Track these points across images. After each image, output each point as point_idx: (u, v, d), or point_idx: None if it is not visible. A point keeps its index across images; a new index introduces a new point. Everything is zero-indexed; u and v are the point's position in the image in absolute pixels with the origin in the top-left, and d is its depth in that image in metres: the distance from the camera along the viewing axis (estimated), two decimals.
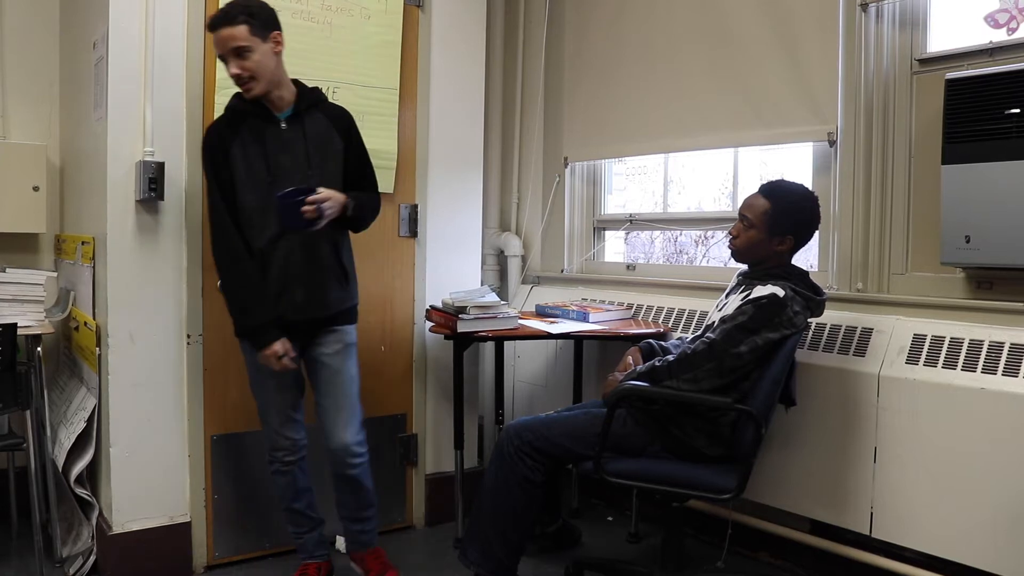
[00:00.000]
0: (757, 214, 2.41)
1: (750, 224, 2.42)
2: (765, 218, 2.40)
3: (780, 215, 2.40)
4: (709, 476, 2.32)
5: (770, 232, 2.40)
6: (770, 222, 2.40)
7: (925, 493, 2.39)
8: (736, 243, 2.46)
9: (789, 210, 2.41)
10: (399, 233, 3.17)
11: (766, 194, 2.43)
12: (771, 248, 2.42)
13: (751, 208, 2.43)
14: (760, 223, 2.41)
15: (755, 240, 2.42)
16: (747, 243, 2.44)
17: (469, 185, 3.37)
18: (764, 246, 2.42)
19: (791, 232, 2.41)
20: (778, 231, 2.41)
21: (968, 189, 2.32)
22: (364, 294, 2.97)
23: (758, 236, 2.41)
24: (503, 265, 3.88)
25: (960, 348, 2.38)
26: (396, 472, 3.23)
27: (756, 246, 2.43)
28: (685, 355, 2.35)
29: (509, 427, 2.48)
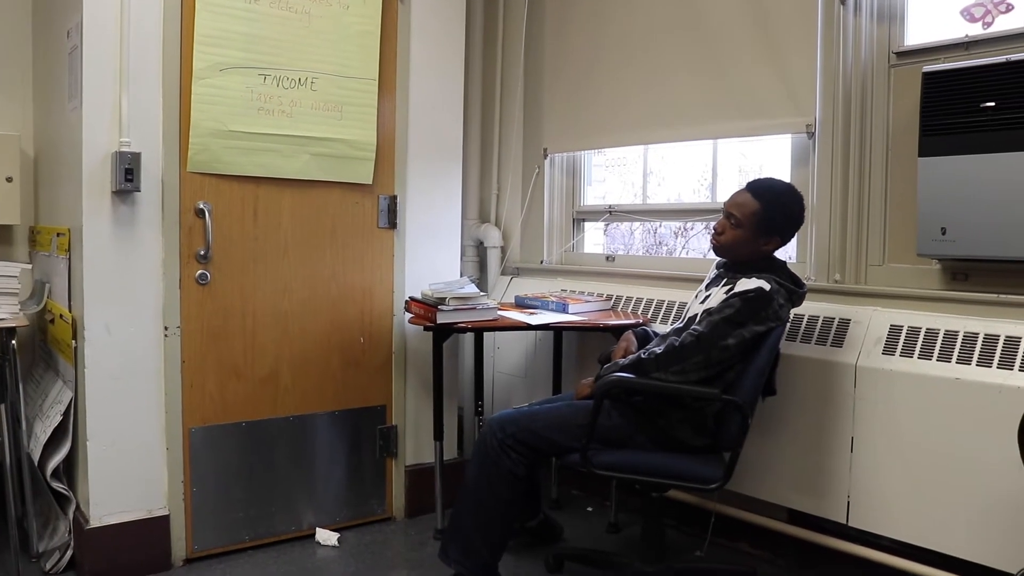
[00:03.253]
0: (746, 214, 2.40)
1: (737, 223, 2.41)
2: (754, 219, 2.39)
3: (770, 217, 2.39)
4: (695, 467, 2.32)
5: (757, 233, 2.41)
6: (759, 223, 2.39)
7: (901, 482, 2.41)
8: (721, 239, 2.46)
9: (779, 212, 2.41)
10: (378, 224, 3.16)
11: (756, 194, 2.41)
12: (757, 248, 2.43)
13: (740, 207, 2.41)
14: (748, 223, 2.40)
15: (742, 239, 2.42)
16: (733, 241, 2.44)
17: (448, 176, 3.35)
18: (750, 245, 2.42)
19: (778, 233, 2.42)
20: (766, 232, 2.41)
21: (944, 182, 2.33)
22: (343, 285, 3.05)
23: (745, 236, 2.41)
24: (482, 256, 3.88)
25: (936, 339, 2.40)
26: (376, 464, 3.22)
27: (742, 245, 2.43)
28: (672, 348, 2.34)
29: (491, 421, 2.46)
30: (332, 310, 3.06)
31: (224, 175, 2.81)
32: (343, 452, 3.13)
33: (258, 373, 2.92)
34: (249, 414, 2.91)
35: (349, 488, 3.15)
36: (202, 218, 2.76)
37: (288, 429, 2.99)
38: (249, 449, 2.92)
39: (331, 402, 3.08)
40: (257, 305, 2.91)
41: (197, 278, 2.78)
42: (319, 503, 3.08)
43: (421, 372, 3.28)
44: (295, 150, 2.92)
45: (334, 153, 3.00)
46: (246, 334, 2.89)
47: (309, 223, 3.00)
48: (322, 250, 3.03)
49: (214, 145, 2.76)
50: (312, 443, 3.05)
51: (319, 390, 3.05)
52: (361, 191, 3.09)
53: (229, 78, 2.76)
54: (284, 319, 2.96)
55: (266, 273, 2.92)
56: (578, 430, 2.33)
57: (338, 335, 3.08)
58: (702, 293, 2.54)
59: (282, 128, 2.88)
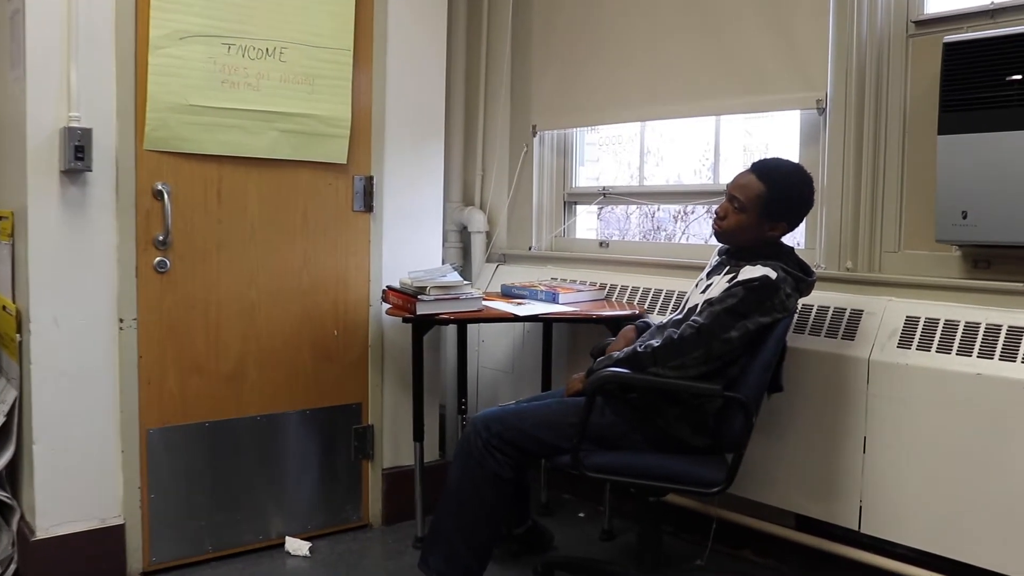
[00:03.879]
0: (750, 197, 2.39)
1: (741, 207, 2.40)
2: (759, 203, 2.38)
3: (776, 201, 2.38)
4: (695, 468, 2.32)
5: (763, 217, 2.39)
6: (764, 207, 2.38)
7: (918, 485, 2.41)
8: (723, 224, 2.44)
9: (786, 195, 2.39)
10: (353, 207, 3.14)
11: (761, 175, 2.40)
12: (762, 233, 2.42)
13: (744, 190, 2.40)
14: (753, 207, 2.39)
15: (745, 224, 2.41)
16: (736, 226, 2.42)
17: (429, 155, 3.34)
18: (754, 231, 2.41)
19: (785, 218, 2.41)
20: (772, 217, 2.39)
21: (966, 161, 2.32)
22: (315, 273, 3.08)
23: (749, 221, 2.40)
24: (466, 242, 3.87)
25: (955, 331, 2.39)
26: (351, 467, 3.22)
27: (746, 230, 2.42)
28: (671, 341, 2.33)
29: (476, 419, 2.45)
30: (303, 300, 3.05)
31: (184, 153, 2.78)
32: (315, 454, 3.12)
33: (222, 369, 2.90)
34: (212, 414, 2.89)
35: (321, 493, 3.14)
36: (160, 200, 2.74)
37: (255, 430, 2.98)
38: (212, 452, 2.90)
39: (302, 400, 3.07)
40: (221, 295, 2.88)
41: (155, 266, 2.76)
42: (289, 510, 3.07)
43: (399, 367, 3.26)
44: (262, 126, 2.90)
45: (305, 130, 2.98)
46: (209, 327, 2.87)
47: (278, 206, 2.98)
48: (292, 235, 3.01)
49: (173, 121, 2.73)
50: (281, 445, 3.04)
51: (289, 387, 3.04)
52: (334, 171, 3.08)
53: (189, 47, 2.73)
54: (251, 310, 2.94)
55: (231, 260, 2.90)
56: (569, 429, 2.32)
57: (309, 327, 3.06)
58: (703, 282, 2.53)
59: (248, 102, 2.85)
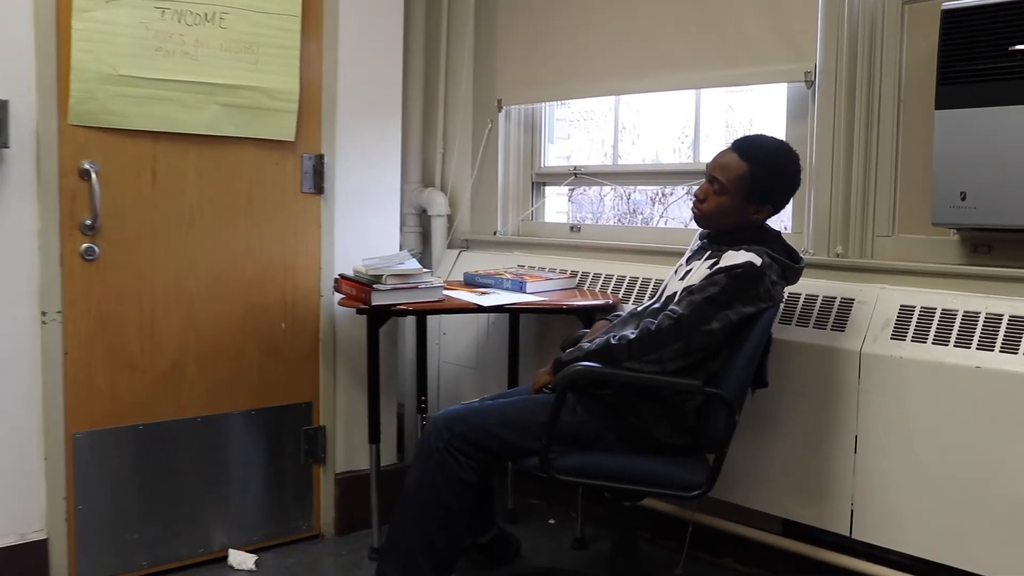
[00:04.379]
0: (731, 178, 2.38)
1: (722, 188, 2.39)
2: (741, 184, 2.38)
3: (760, 181, 2.38)
4: (674, 470, 2.32)
5: (746, 200, 2.39)
6: (747, 188, 2.38)
7: (913, 487, 2.42)
8: (703, 208, 2.45)
9: (770, 175, 2.39)
10: (302, 189, 3.13)
11: (743, 154, 2.40)
12: (745, 216, 2.42)
13: (725, 170, 2.40)
14: (735, 189, 2.38)
15: (727, 207, 2.41)
16: (717, 210, 2.42)
17: (385, 132, 3.33)
18: (737, 214, 2.41)
19: (770, 200, 2.41)
20: (756, 199, 2.39)
21: (965, 138, 2.33)
22: (260, 261, 3.06)
23: (731, 203, 2.40)
24: (426, 227, 3.88)
25: (953, 321, 2.40)
26: (300, 472, 3.21)
27: (727, 214, 2.42)
28: (647, 332, 2.32)
29: (437, 418, 2.45)
30: (247, 291, 3.04)
31: (114, 129, 2.75)
32: (261, 459, 3.11)
33: (158, 366, 2.88)
34: (147, 415, 2.87)
35: (268, 501, 3.14)
36: (87, 180, 2.70)
37: (195, 432, 2.96)
38: (147, 457, 2.88)
39: (246, 399, 3.06)
40: (157, 285, 2.86)
41: (82, 253, 2.72)
42: (232, 520, 3.05)
43: (354, 363, 3.26)
44: (201, 100, 2.87)
45: (248, 104, 2.96)
46: (143, 320, 2.84)
47: (219, 187, 2.96)
48: (235, 219, 3.00)
49: (101, 93, 2.70)
50: (224, 448, 3.03)
51: (232, 385, 3.03)
52: (281, 149, 3.06)
53: (118, 11, 2.70)
54: (189, 302, 2.93)
55: (167, 247, 2.88)
56: (537, 428, 2.32)
57: (255, 320, 3.06)
58: (682, 268, 2.54)
59: (185, 73, 2.83)
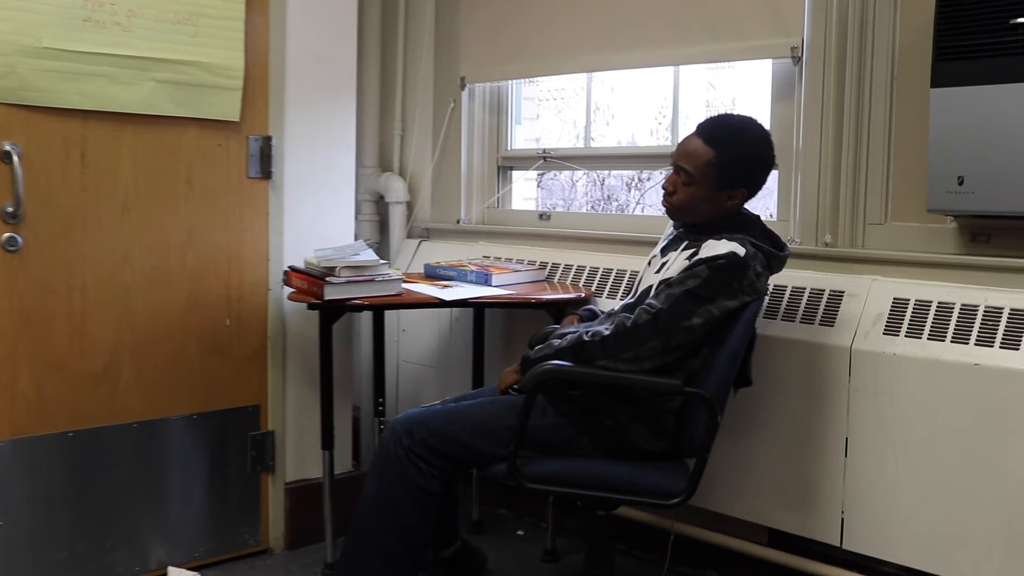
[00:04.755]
0: (699, 165, 2.39)
1: (690, 178, 2.40)
2: (710, 171, 2.38)
3: (729, 166, 2.38)
4: (652, 477, 2.32)
5: (717, 187, 2.39)
6: (717, 175, 2.38)
7: (908, 494, 2.42)
8: (673, 201, 2.46)
9: (740, 158, 2.40)
10: (248, 173, 3.10)
11: (708, 139, 2.40)
12: (719, 205, 2.42)
13: (690, 158, 2.40)
14: (704, 177, 2.39)
15: (698, 198, 2.41)
16: (688, 201, 2.43)
17: (338, 112, 3.31)
18: (710, 203, 2.42)
19: (743, 184, 2.41)
20: (727, 185, 2.39)
21: (963, 118, 2.33)
22: (203, 252, 3.03)
23: (701, 193, 2.40)
24: (383, 214, 3.88)
25: (950, 315, 2.40)
26: (247, 481, 3.19)
27: (700, 204, 2.42)
28: (623, 328, 2.30)
29: (395, 422, 2.44)
30: (189, 284, 3.01)
31: (39, 107, 2.72)
32: (204, 467, 3.09)
33: (89, 367, 2.85)
34: (77, 421, 2.83)
35: (212, 513, 3.11)
36: (8, 163, 2.66)
37: (130, 439, 2.93)
38: (77, 466, 2.84)
39: (187, 403, 3.04)
40: (87, 278, 2.82)
41: (3, 243, 2.67)
42: (172, 534, 3.03)
43: (305, 362, 3.24)
44: (136, 75, 2.83)
45: (188, 80, 2.93)
46: (73, 316, 2.81)
47: (157, 171, 2.93)
48: (174, 206, 2.97)
49: (23, 67, 2.65)
50: (162, 456, 3.00)
51: (171, 388, 3.00)
52: (225, 130, 3.04)
53: None
54: (124, 296, 2.90)
55: (99, 237, 2.84)
56: (505, 433, 2.31)
57: (197, 316, 3.03)
58: (657, 259, 2.54)
59: (117, 46, 2.78)
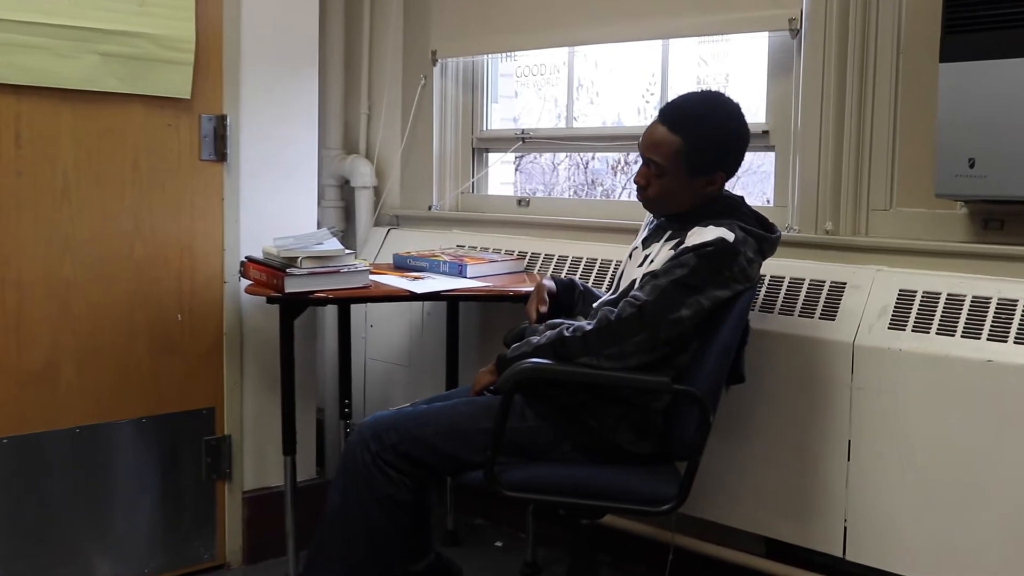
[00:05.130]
0: (667, 155, 2.39)
1: (660, 170, 2.41)
2: (679, 160, 2.39)
3: (698, 152, 2.38)
4: (640, 482, 2.31)
5: (691, 175, 2.40)
6: (687, 163, 2.38)
7: (915, 500, 2.42)
8: (648, 194, 2.47)
9: (709, 141, 2.40)
10: (200, 155, 3.08)
11: (672, 125, 2.40)
12: (698, 192, 2.42)
13: (657, 149, 2.41)
14: (674, 167, 2.39)
15: (673, 189, 2.42)
16: (663, 194, 2.44)
17: (300, 89, 3.29)
18: (687, 192, 2.42)
19: (719, 167, 2.41)
20: (702, 171, 2.40)
21: (975, 95, 2.31)
22: (151, 241, 3.01)
23: (675, 184, 2.41)
24: (348, 200, 3.89)
25: (960, 308, 2.39)
26: (201, 490, 3.16)
27: (676, 195, 2.43)
28: (606, 322, 2.29)
29: (363, 426, 2.41)
30: (136, 277, 2.98)
31: None
32: (154, 475, 3.06)
33: (26, 367, 2.82)
34: (13, 426, 2.81)
35: (163, 526, 3.09)
36: None
37: (72, 445, 2.90)
38: (13, 475, 2.81)
39: (135, 406, 3.01)
40: (23, 270, 2.80)
41: None
42: (119, 548, 3.00)
43: (264, 361, 3.22)
44: (76, 48, 2.80)
45: (134, 53, 2.89)
46: (7, 312, 2.78)
47: (100, 153, 2.90)
48: (120, 191, 2.94)
49: None
50: (108, 464, 2.97)
51: (118, 389, 2.97)
52: (175, 109, 3.01)
53: None
54: (64, 290, 2.87)
55: (36, 224, 2.81)
56: (481, 437, 2.29)
57: (145, 311, 3.00)
58: (639, 252, 2.54)
59: (55, 15, 2.75)
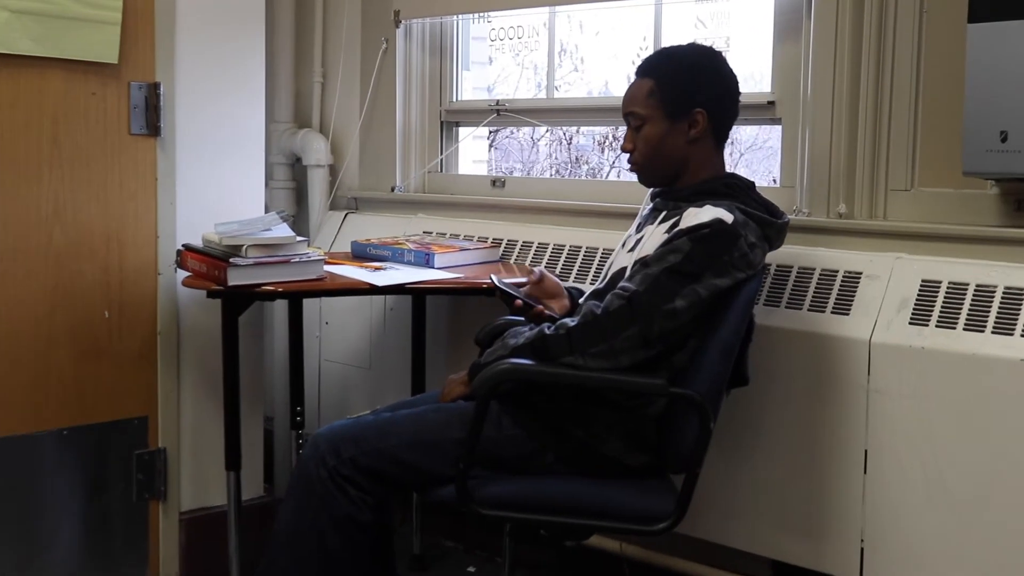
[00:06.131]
0: (641, 100, 2.50)
1: (639, 120, 2.51)
2: (654, 101, 2.49)
3: (671, 87, 2.48)
4: (631, 498, 2.32)
5: (670, 117, 2.48)
6: (663, 102, 2.48)
7: (940, 518, 2.41)
8: (636, 158, 2.54)
9: (680, 73, 2.50)
10: (130, 129, 3.07)
11: (645, 71, 2.54)
12: (683, 141, 2.49)
13: (634, 100, 2.53)
14: (652, 112, 2.49)
15: (656, 139, 2.49)
16: (649, 150, 2.50)
17: (244, 53, 3.30)
18: (672, 141, 2.49)
19: (699, 104, 2.47)
20: (680, 110, 2.47)
21: (1008, 59, 2.30)
22: (73, 227, 3.01)
23: (657, 132, 2.49)
24: (301, 181, 3.90)
25: (991, 300, 2.39)
26: (132, 511, 3.16)
27: (662, 147, 2.49)
28: (592, 317, 2.30)
29: (318, 437, 2.41)
30: (56, 268, 2.98)
31: None
32: (78, 494, 3.06)
33: None
34: None
35: (88, 551, 3.08)
36: None
37: None
38: None
39: (56, 415, 3.00)
40: None
41: None
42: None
43: (205, 363, 3.22)
44: None
45: (52, 11, 2.89)
46: None
47: (12, 125, 2.90)
48: (35, 170, 2.94)
49: None
50: (26, 481, 2.97)
51: (35, 397, 2.97)
52: (100, 75, 3.00)
53: None
54: None
55: None
56: (452, 448, 2.29)
57: (67, 308, 3.00)
58: (631, 238, 2.57)
59: None
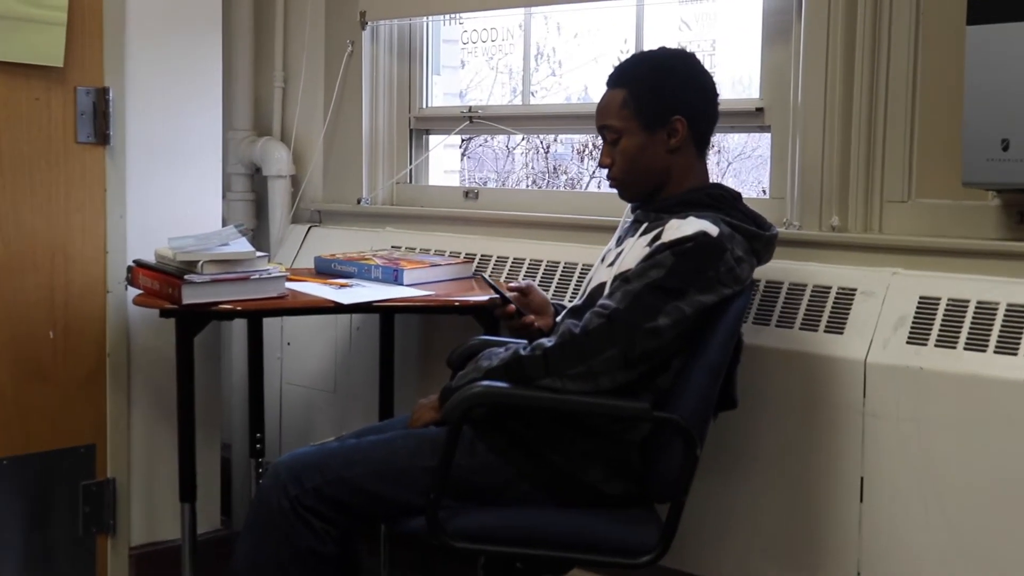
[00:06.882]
0: (616, 112, 2.52)
1: (615, 132, 2.52)
2: (628, 112, 2.50)
3: (645, 95, 2.50)
4: (613, 528, 2.33)
5: (647, 127, 2.49)
6: (638, 112, 2.49)
7: (940, 549, 2.42)
8: (615, 173, 2.56)
9: (653, 80, 2.52)
10: (76, 137, 3.10)
11: (616, 82, 2.56)
12: (663, 151, 2.50)
13: (607, 112, 2.54)
14: (628, 123, 2.50)
15: (635, 151, 2.51)
16: (628, 163, 2.52)
17: (199, 56, 3.33)
18: (652, 153, 2.51)
19: (676, 111, 2.49)
20: (657, 119, 2.49)
21: (1009, 64, 2.31)
22: (15, 241, 3.02)
23: (636, 144, 2.50)
24: (261, 192, 3.91)
25: (993, 317, 2.40)
26: (78, 546, 3.18)
27: (641, 160, 2.51)
28: (570, 337, 2.32)
29: (279, 466, 2.42)
30: None
31: None
32: (19, 528, 3.08)
33: None
34: None
35: None
36: None
37: None
38: None
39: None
40: None
41: None
42: None
43: (158, 387, 3.24)
44: None
45: None
46: None
47: None
48: None
49: None
50: None
51: None
52: (44, 79, 3.03)
53: None
54: None
55: None
56: (422, 476, 2.31)
57: (8, 328, 3.03)
58: (611, 252, 2.59)
59: None
